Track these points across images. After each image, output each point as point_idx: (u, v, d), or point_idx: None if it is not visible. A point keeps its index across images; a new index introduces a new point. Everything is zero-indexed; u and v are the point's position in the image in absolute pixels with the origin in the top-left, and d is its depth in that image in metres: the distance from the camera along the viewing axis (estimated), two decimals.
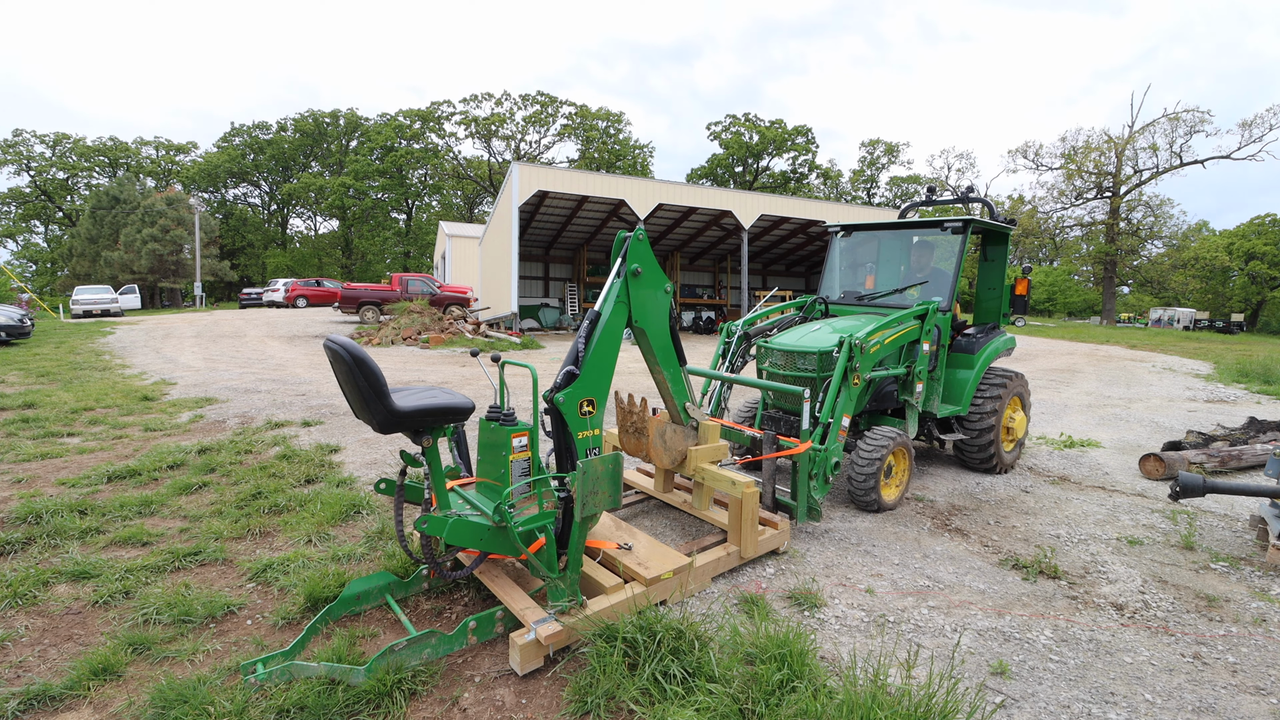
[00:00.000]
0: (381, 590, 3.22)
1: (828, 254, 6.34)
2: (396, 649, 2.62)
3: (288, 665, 2.55)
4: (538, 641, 2.69)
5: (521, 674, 2.65)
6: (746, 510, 3.61)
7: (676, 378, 3.75)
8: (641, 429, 3.95)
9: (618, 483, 2.91)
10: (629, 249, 3.34)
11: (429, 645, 2.74)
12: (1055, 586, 3.63)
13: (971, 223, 5.47)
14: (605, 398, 3.17)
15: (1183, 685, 2.74)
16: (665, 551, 3.43)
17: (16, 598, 3.14)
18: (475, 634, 2.87)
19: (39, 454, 5.63)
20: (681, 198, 23.30)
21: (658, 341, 3.59)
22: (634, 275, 3.34)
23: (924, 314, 5.13)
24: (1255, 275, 49.18)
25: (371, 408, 2.70)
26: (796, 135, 63.88)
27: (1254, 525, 4.48)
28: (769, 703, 2.33)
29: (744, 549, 3.66)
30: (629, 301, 3.34)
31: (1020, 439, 5.99)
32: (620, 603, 2.94)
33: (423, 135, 59.39)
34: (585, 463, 2.78)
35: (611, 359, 3.20)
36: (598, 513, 2.95)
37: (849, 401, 4.39)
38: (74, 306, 26.76)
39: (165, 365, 11.84)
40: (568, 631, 2.78)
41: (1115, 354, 18.53)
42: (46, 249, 56.67)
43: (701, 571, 3.42)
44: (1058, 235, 48.73)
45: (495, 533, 2.87)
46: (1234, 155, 41.54)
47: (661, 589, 3.19)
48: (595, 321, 3.20)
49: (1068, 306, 63.90)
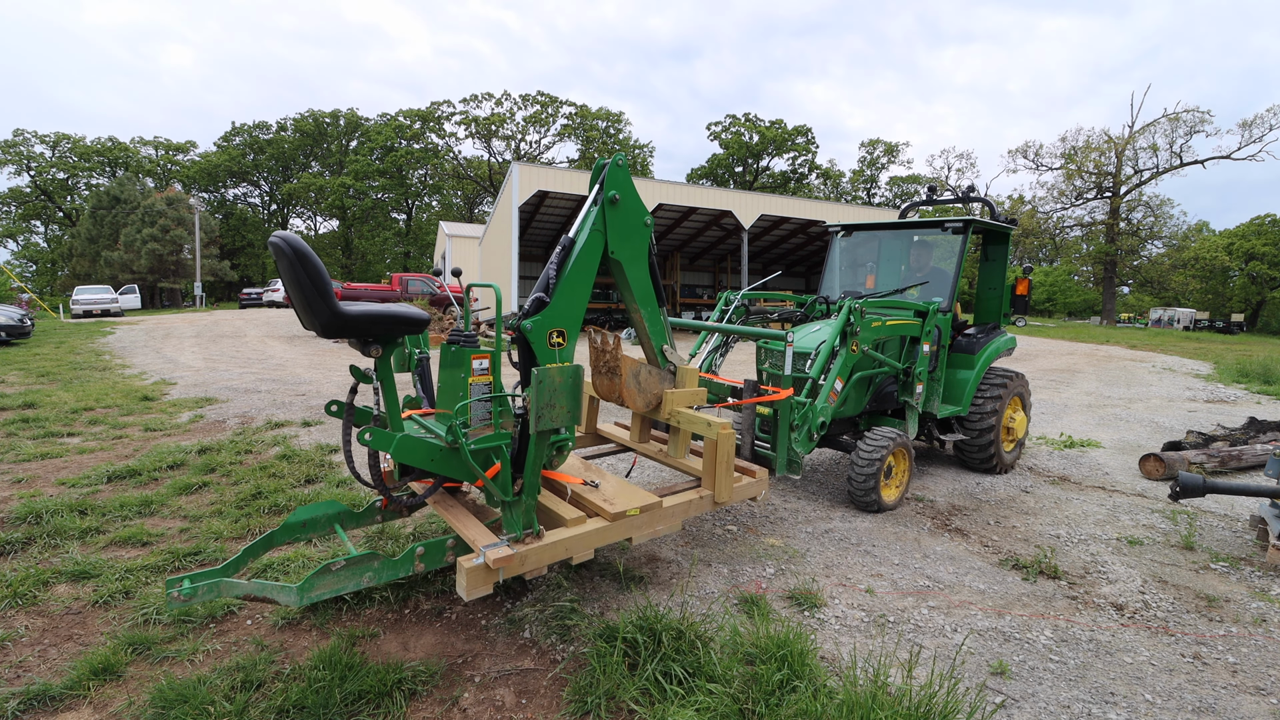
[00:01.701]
0: (330, 519, 3.06)
1: (828, 254, 6.35)
2: (333, 568, 2.48)
3: (216, 582, 2.45)
4: (486, 566, 2.54)
5: (467, 599, 2.52)
6: (721, 452, 3.40)
7: (655, 318, 3.54)
8: (615, 368, 3.63)
9: (577, 397, 2.67)
10: (607, 175, 3.14)
11: (370, 568, 2.58)
12: (1055, 586, 3.63)
13: (972, 223, 5.46)
14: (577, 331, 2.99)
15: (1183, 685, 2.74)
16: (634, 491, 3.26)
17: (16, 598, 3.14)
18: (423, 560, 2.71)
19: (39, 454, 5.63)
20: (681, 198, 23.30)
21: (635, 276, 3.37)
22: (611, 203, 3.13)
23: (925, 312, 5.12)
24: (1255, 275, 49.18)
25: (314, 308, 2.48)
26: (796, 135, 63.90)
27: (1254, 525, 4.48)
28: (769, 703, 2.33)
29: (718, 493, 3.45)
30: (605, 230, 3.14)
31: (1020, 439, 5.99)
32: (580, 535, 2.80)
33: (423, 135, 59.43)
34: (541, 370, 2.57)
35: (585, 290, 3.02)
36: (567, 443, 2.78)
37: (844, 365, 4.39)
38: (74, 306, 26.77)
39: (165, 365, 11.84)
40: (520, 559, 2.61)
41: (1115, 354, 18.53)
42: (46, 249, 56.71)
43: (671, 512, 3.26)
44: (1058, 235, 48.74)
45: (448, 454, 2.69)
46: (1234, 155, 41.58)
47: (626, 526, 3.03)
48: (569, 249, 3.02)
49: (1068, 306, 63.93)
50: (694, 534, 4.21)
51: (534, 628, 3.01)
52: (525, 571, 2.70)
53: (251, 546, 2.79)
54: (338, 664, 2.57)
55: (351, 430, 2.93)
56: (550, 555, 2.70)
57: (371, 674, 2.53)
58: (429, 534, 4.05)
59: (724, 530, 4.30)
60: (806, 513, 4.67)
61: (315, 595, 2.46)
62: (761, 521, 4.47)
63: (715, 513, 4.60)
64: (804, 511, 4.69)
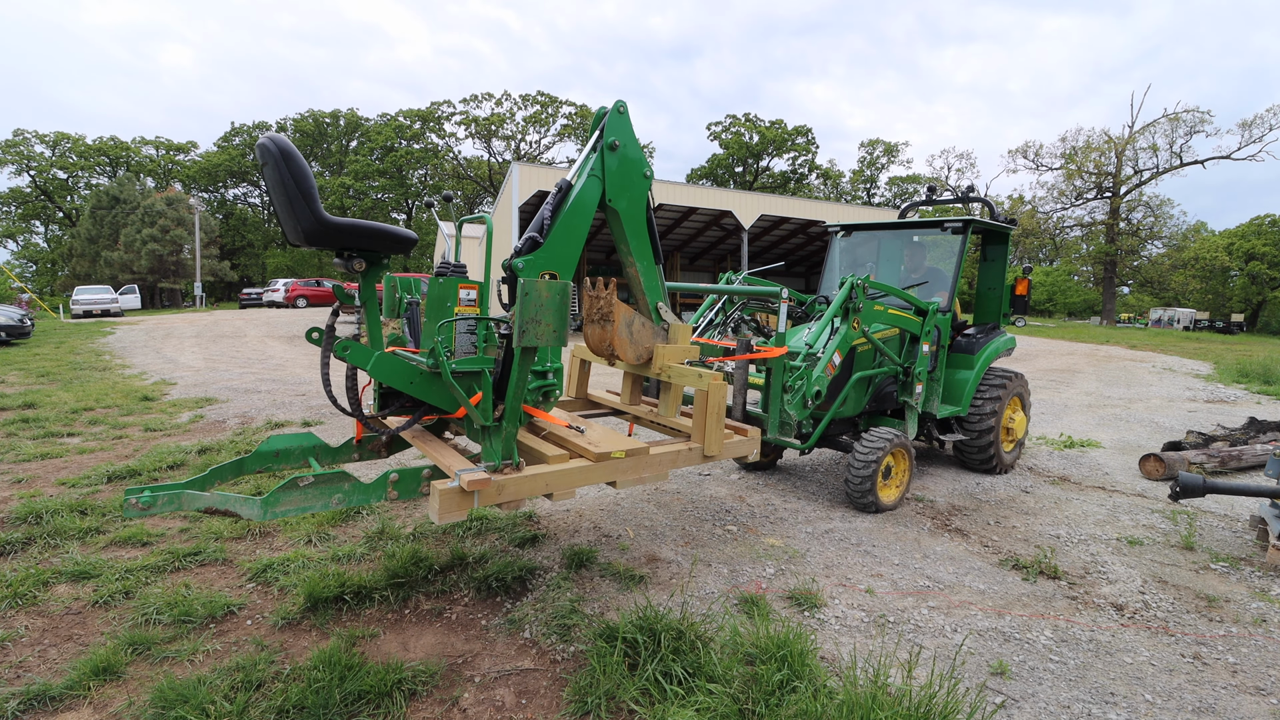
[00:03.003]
0: (305, 451, 2.98)
1: (828, 253, 6.35)
2: (300, 484, 2.40)
3: (178, 493, 2.39)
4: (460, 489, 2.44)
5: (439, 522, 2.45)
6: (712, 403, 3.31)
7: (650, 272, 3.48)
8: (608, 315, 3.48)
9: (563, 315, 2.53)
10: (608, 121, 3.07)
11: (340, 489, 2.49)
12: (1055, 587, 3.63)
13: (972, 223, 5.45)
14: (569, 275, 2.92)
15: (1183, 685, 2.74)
16: (621, 438, 3.19)
17: (16, 598, 3.14)
18: (397, 488, 2.62)
19: (39, 454, 5.63)
20: (681, 198, 23.30)
21: (632, 227, 3.31)
22: (610, 149, 3.07)
23: (924, 311, 5.12)
24: (1255, 275, 49.16)
25: (298, 212, 2.37)
26: (796, 135, 63.91)
27: (1254, 525, 4.48)
28: (769, 703, 2.34)
29: (707, 446, 3.35)
30: (603, 177, 3.08)
31: (1020, 439, 5.99)
32: (562, 472, 2.73)
33: (423, 135, 59.42)
34: (528, 282, 2.44)
35: (581, 234, 2.96)
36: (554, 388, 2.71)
37: (844, 341, 4.40)
38: (74, 306, 26.77)
39: (165, 365, 11.84)
40: (497, 488, 2.53)
41: (1115, 354, 18.53)
42: (46, 249, 56.69)
43: (658, 461, 3.18)
44: (1058, 235, 48.74)
45: (428, 377, 2.61)
46: (1234, 155, 41.56)
47: (610, 468, 2.96)
48: (565, 192, 2.97)
49: (1068, 306, 63.93)
50: (694, 534, 4.21)
51: (534, 628, 3.01)
52: (502, 502, 2.59)
53: (220, 468, 2.68)
54: (337, 664, 2.56)
55: (330, 355, 2.78)
56: (530, 488, 2.62)
57: (371, 674, 2.53)
58: (428, 534, 4.05)
59: (724, 530, 4.30)
60: (806, 513, 4.67)
61: (280, 511, 2.37)
62: (761, 521, 4.47)
63: (715, 512, 4.60)
64: (804, 511, 4.70)
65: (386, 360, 2.55)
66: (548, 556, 3.77)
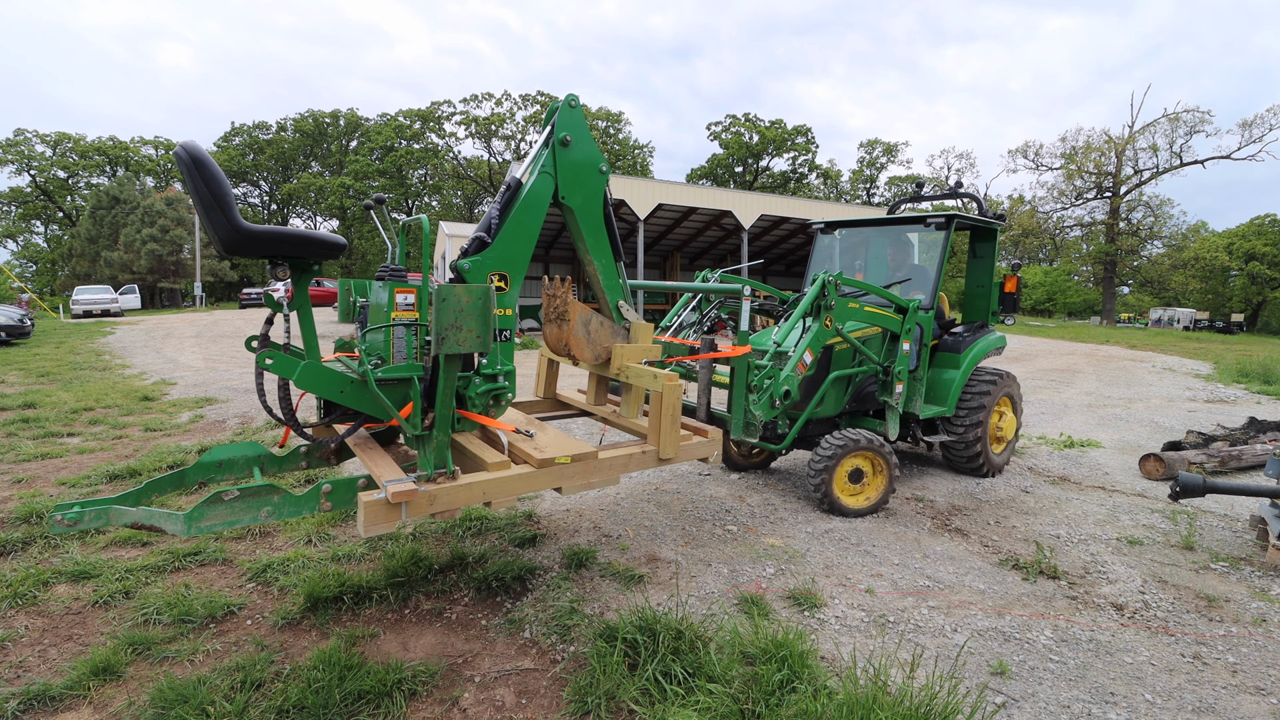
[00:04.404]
0: (249, 462, 2.94)
1: (812, 251, 6.28)
2: (225, 498, 2.35)
3: (106, 509, 2.36)
4: (386, 501, 2.39)
5: (365, 534, 2.41)
6: (666, 404, 3.22)
7: (609, 270, 3.44)
8: (564, 314, 3.41)
9: (487, 320, 2.45)
10: (558, 117, 3.04)
11: (269, 502, 2.43)
12: (1055, 586, 3.63)
13: (954, 219, 5.32)
14: (521, 275, 2.90)
15: (1183, 685, 2.74)
16: (571, 443, 3.12)
17: (16, 598, 3.14)
18: (330, 499, 2.56)
19: (39, 454, 5.63)
20: (681, 198, 23.31)
21: (588, 224, 3.25)
22: (562, 144, 3.04)
23: (905, 309, 4.99)
24: (1255, 275, 49.13)
25: (214, 221, 2.30)
26: (796, 135, 63.93)
27: (1254, 525, 4.48)
28: (769, 703, 2.34)
29: (662, 448, 3.27)
30: (555, 173, 3.04)
31: (1010, 440, 5.86)
32: (501, 479, 2.68)
33: (423, 135, 59.43)
34: (444, 288, 2.36)
35: (531, 233, 2.93)
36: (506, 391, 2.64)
37: (815, 339, 4.35)
38: (74, 306, 26.76)
39: (165, 365, 11.84)
40: (428, 498, 2.48)
41: (1115, 354, 18.53)
42: (46, 249, 56.68)
43: (608, 465, 3.11)
44: (1058, 235, 48.74)
45: (358, 386, 2.57)
46: (1234, 155, 41.55)
47: (555, 474, 2.90)
48: (515, 190, 2.92)
49: (1068, 306, 63.89)
50: (694, 534, 4.21)
51: (534, 628, 3.01)
52: (436, 512, 2.55)
53: (157, 481, 2.65)
54: (337, 664, 2.57)
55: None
56: (465, 497, 2.58)
57: (371, 674, 2.53)
58: (428, 534, 4.05)
59: (724, 530, 4.30)
60: (806, 513, 4.67)
61: (206, 526, 2.33)
62: (761, 521, 4.47)
63: (715, 512, 4.60)
64: (804, 511, 4.69)
65: (312, 370, 2.50)
66: (548, 556, 3.77)
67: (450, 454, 2.67)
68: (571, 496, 4.88)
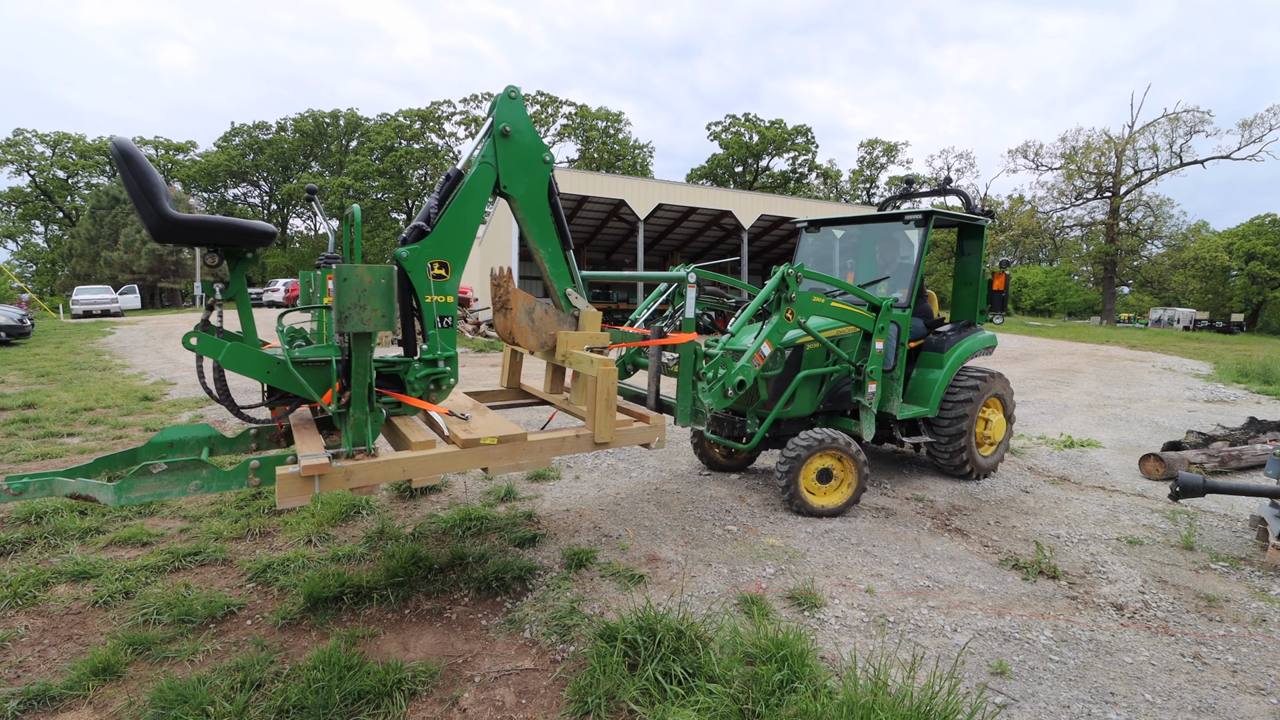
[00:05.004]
0: (200, 443, 2.98)
1: (795, 250, 6.24)
2: (154, 470, 2.44)
3: (49, 480, 2.47)
4: (299, 475, 2.45)
5: (280, 506, 2.47)
6: (601, 388, 3.20)
7: (556, 259, 3.47)
8: (507, 303, 3.46)
9: (390, 299, 2.52)
10: (498, 108, 3.08)
11: (197, 476, 2.51)
12: (1055, 586, 3.63)
13: (932, 215, 5.20)
14: (462, 263, 2.96)
15: (1183, 685, 2.74)
16: (505, 426, 3.13)
17: (16, 598, 3.14)
18: (258, 474, 2.63)
19: (39, 454, 5.63)
20: (681, 198, 23.32)
21: (531, 213, 3.29)
22: (502, 135, 3.08)
23: (878, 307, 4.89)
24: (1255, 275, 49.16)
25: (143, 211, 2.41)
26: (796, 135, 63.97)
27: (1254, 525, 4.48)
28: (769, 703, 2.34)
29: (598, 432, 3.25)
30: (496, 163, 3.09)
31: (1000, 443, 5.73)
32: (421, 458, 2.73)
33: (423, 135, 59.48)
34: (345, 267, 2.43)
35: (472, 222, 2.99)
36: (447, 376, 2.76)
37: (775, 331, 4.33)
38: (74, 306, 26.77)
39: (165, 365, 11.83)
40: (344, 473, 2.55)
41: (1115, 354, 18.53)
42: (46, 249, 56.69)
43: (538, 448, 3.10)
44: (1058, 235, 48.75)
45: (284, 367, 2.66)
46: (1234, 155, 41.58)
47: (480, 454, 2.92)
48: (455, 180, 2.99)
49: (1068, 306, 63.92)
50: (694, 534, 4.21)
51: (534, 628, 3.01)
52: (353, 487, 2.61)
53: (108, 458, 2.72)
54: (337, 664, 2.57)
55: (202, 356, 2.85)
56: (383, 473, 2.63)
57: (371, 674, 2.53)
58: (430, 534, 4.06)
59: (724, 530, 4.30)
60: None
61: (135, 497, 2.43)
62: (761, 521, 4.48)
63: (715, 512, 4.60)
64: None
65: (238, 351, 2.60)
66: (548, 556, 3.78)
67: (371, 432, 2.75)
68: (571, 497, 4.88)
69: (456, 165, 3.09)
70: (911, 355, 5.49)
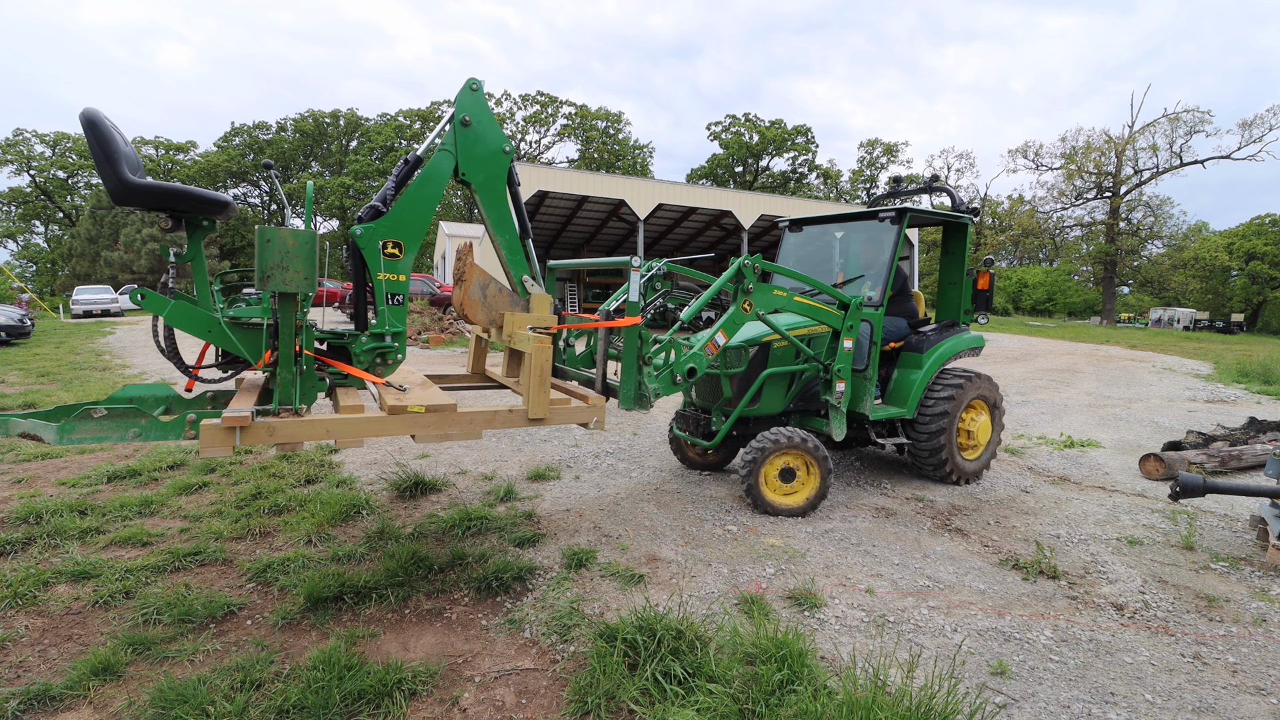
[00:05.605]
0: (159, 401, 3.04)
1: (779, 249, 6.20)
2: (94, 415, 2.53)
3: (5, 419, 2.59)
4: (220, 426, 2.52)
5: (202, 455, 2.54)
6: (535, 365, 3.23)
7: (513, 246, 3.61)
8: (463, 276, 3.59)
9: (312, 262, 2.65)
10: (459, 99, 3.22)
11: (136, 424, 2.61)
12: (1055, 586, 3.63)
13: (906, 212, 5.12)
14: (416, 244, 3.07)
15: (1183, 685, 2.74)
16: (438, 396, 3.18)
17: (16, 598, 3.14)
18: (194, 428, 2.68)
19: (39, 454, 5.63)
20: (681, 198, 23.32)
21: (489, 200, 3.40)
22: (462, 124, 3.22)
23: (846, 305, 4.79)
24: (1255, 275, 49.15)
25: (103, 174, 2.56)
26: (796, 135, 63.98)
27: (1254, 525, 4.48)
28: (769, 703, 2.34)
29: (531, 408, 3.27)
30: (455, 151, 3.24)
31: (987, 445, 5.58)
32: (347, 420, 2.79)
33: (423, 135, 59.46)
34: (267, 229, 2.56)
35: (430, 204, 3.11)
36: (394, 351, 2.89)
37: (731, 321, 4.29)
38: (74, 306, 26.75)
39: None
40: (267, 429, 2.61)
41: (1115, 354, 18.53)
42: (46, 249, 56.70)
43: (468, 419, 3.12)
44: (1058, 235, 48.77)
45: (225, 328, 2.77)
46: (1234, 155, 41.62)
47: (407, 422, 2.95)
48: (414, 165, 3.10)
49: (1068, 306, 63.88)
50: (694, 534, 4.21)
51: (534, 628, 3.01)
52: (277, 442, 2.67)
53: (66, 407, 2.78)
54: (337, 664, 2.57)
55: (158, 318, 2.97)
56: (306, 432, 2.69)
57: (371, 674, 2.54)
58: (430, 534, 4.06)
59: (724, 530, 4.30)
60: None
61: (76, 438, 2.53)
62: (761, 521, 4.48)
63: (715, 512, 4.60)
64: None
65: (181, 309, 2.72)
66: (548, 556, 3.78)
67: (301, 393, 2.85)
68: (571, 496, 4.88)
69: (415, 153, 3.20)
70: (893, 356, 5.44)
